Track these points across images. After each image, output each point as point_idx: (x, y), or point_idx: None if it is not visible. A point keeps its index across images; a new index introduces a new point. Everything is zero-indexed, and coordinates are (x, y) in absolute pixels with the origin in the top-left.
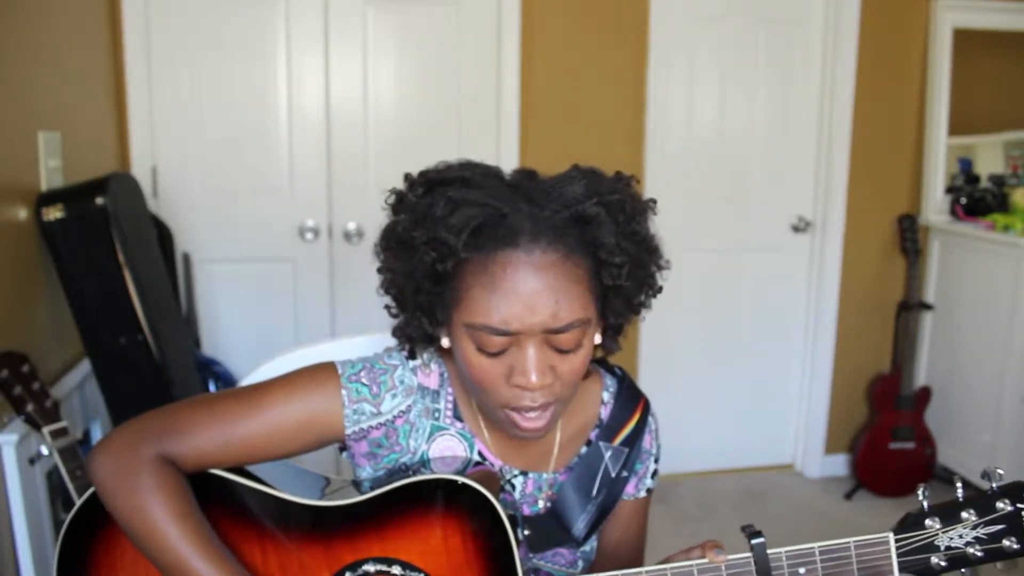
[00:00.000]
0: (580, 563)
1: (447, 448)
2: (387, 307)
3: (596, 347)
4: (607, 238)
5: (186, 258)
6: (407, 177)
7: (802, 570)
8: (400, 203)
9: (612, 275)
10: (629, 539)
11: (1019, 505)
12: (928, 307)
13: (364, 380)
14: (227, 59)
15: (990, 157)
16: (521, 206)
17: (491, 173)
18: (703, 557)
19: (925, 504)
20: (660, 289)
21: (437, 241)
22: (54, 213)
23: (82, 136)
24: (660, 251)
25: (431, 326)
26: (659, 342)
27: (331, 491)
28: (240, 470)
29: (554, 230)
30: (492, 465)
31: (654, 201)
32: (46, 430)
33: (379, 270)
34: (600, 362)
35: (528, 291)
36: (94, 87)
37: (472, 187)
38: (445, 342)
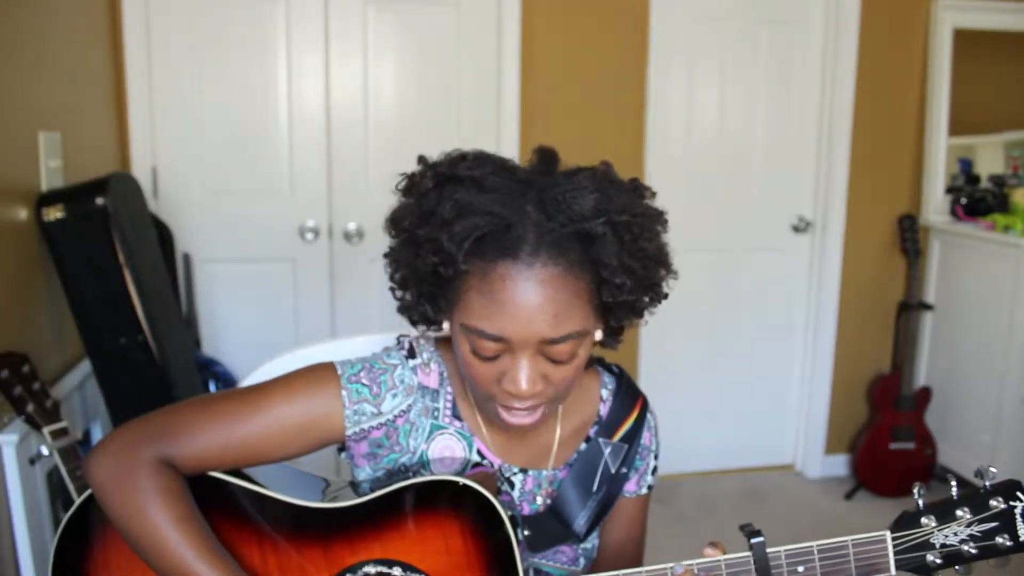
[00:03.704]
0: (582, 560)
1: (446, 448)
2: (392, 289)
3: (596, 343)
4: (610, 259)
5: (186, 258)
6: (421, 160)
7: (800, 568)
8: (410, 188)
9: (612, 293)
10: (633, 537)
11: (1012, 503)
12: (928, 307)
13: (364, 380)
14: (227, 59)
15: (990, 157)
16: (528, 211)
17: (503, 169)
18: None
19: (920, 502)
20: (666, 296)
21: (438, 245)
22: (54, 213)
23: (82, 136)
24: (669, 260)
25: (433, 312)
26: (659, 342)
27: (331, 493)
28: (240, 473)
29: (557, 244)
30: (491, 463)
31: (666, 219)
32: (46, 430)
33: (386, 255)
34: (598, 361)
35: (525, 303)
36: (94, 87)
37: (483, 190)
38: (446, 326)
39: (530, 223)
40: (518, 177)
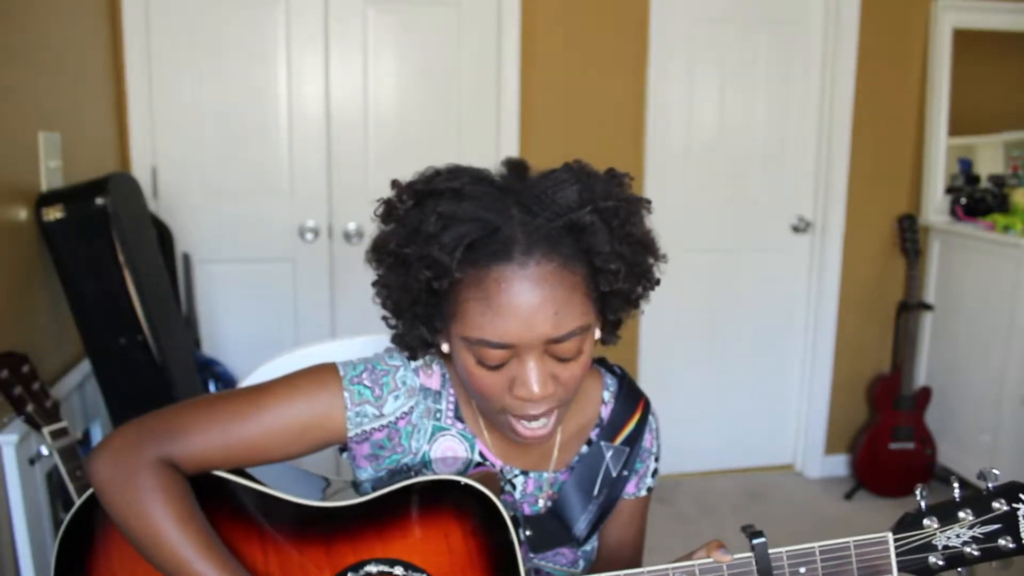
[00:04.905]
0: (581, 563)
1: (448, 448)
2: (384, 319)
3: (595, 342)
4: (602, 246)
5: (186, 258)
6: (394, 184)
7: (802, 569)
8: (390, 214)
9: (609, 281)
10: (630, 539)
11: (1015, 505)
12: (928, 307)
13: (366, 382)
14: (227, 59)
15: (990, 157)
16: (513, 214)
17: (481, 178)
18: (708, 558)
19: (923, 504)
20: (658, 282)
21: (430, 259)
22: (54, 213)
23: (82, 136)
24: (656, 246)
25: (430, 334)
26: (659, 342)
27: (331, 492)
28: (242, 472)
29: (548, 240)
30: (493, 465)
31: (648, 201)
32: (46, 430)
33: (374, 283)
34: (600, 361)
35: (525, 305)
36: (94, 87)
37: (463, 199)
38: (445, 347)
39: (517, 224)
40: (496, 184)
